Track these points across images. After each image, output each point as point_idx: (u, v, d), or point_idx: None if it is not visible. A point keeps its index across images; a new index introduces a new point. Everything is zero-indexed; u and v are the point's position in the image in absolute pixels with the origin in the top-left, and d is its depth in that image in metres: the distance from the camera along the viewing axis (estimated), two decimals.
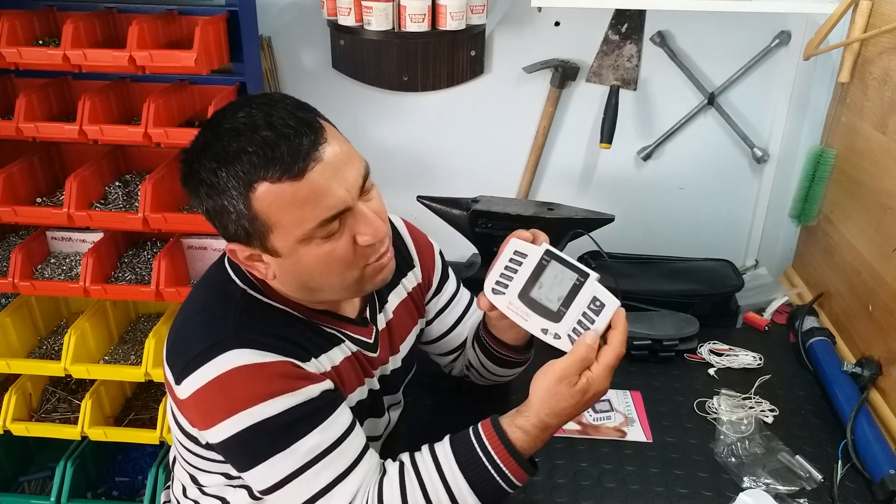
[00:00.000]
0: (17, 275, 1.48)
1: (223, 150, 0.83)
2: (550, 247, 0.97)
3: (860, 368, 1.32)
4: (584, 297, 0.92)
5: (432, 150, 1.82)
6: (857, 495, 1.13)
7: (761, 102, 1.71)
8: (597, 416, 1.29)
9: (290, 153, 0.81)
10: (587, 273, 0.93)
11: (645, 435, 1.25)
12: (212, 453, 0.95)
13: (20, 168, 1.49)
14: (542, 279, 0.96)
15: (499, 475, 0.89)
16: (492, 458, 0.89)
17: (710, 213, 1.85)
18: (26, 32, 1.44)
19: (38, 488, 1.86)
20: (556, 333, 0.94)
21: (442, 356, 1.27)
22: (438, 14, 1.51)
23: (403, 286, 1.14)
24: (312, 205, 0.83)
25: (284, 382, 0.86)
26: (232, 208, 0.84)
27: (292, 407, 0.86)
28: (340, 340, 0.99)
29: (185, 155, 0.88)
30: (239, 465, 0.90)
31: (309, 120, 0.85)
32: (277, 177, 0.81)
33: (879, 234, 1.36)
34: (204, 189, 0.85)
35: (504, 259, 0.99)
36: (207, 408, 0.87)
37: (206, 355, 0.87)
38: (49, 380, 1.77)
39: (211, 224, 0.90)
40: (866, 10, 1.43)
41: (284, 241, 0.85)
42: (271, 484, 0.87)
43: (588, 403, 0.91)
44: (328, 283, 0.91)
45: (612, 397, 1.34)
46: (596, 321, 0.92)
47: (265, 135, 0.81)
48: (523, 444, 0.90)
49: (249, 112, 0.84)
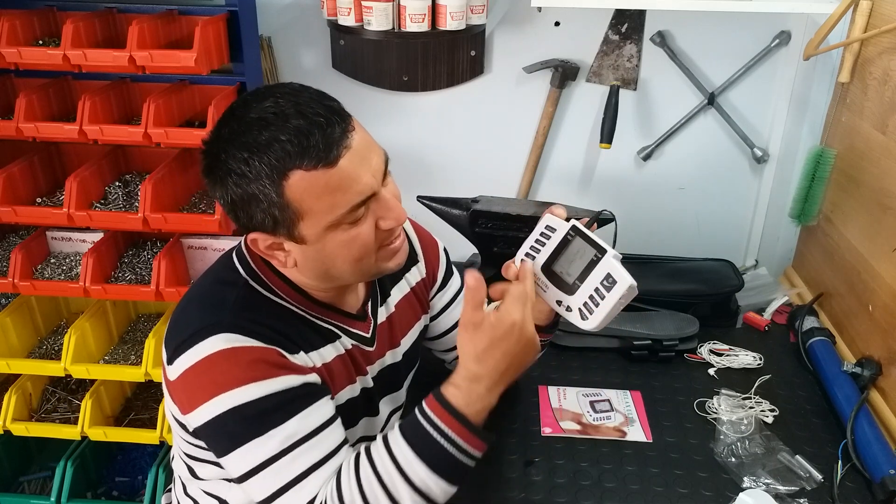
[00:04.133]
0: (17, 275, 1.48)
1: (254, 140, 0.83)
2: (578, 223, 1.00)
3: (860, 368, 1.32)
4: (598, 273, 0.95)
5: (432, 150, 1.82)
6: (857, 495, 1.13)
7: (761, 102, 1.71)
8: (597, 416, 1.29)
9: (324, 141, 0.83)
10: (605, 250, 0.96)
11: (645, 435, 1.25)
12: (200, 441, 0.95)
13: (20, 168, 1.49)
14: (564, 254, 0.99)
15: (438, 433, 0.85)
16: (427, 416, 0.86)
17: (710, 213, 1.85)
18: (26, 32, 1.44)
19: (38, 488, 1.86)
20: (568, 306, 0.97)
21: (448, 352, 1.27)
22: (438, 14, 1.51)
23: (407, 280, 1.15)
24: (343, 191, 0.86)
25: (266, 369, 0.88)
26: (262, 197, 0.85)
27: (271, 394, 0.87)
28: (337, 336, 1.00)
29: (208, 146, 0.88)
30: (218, 450, 0.90)
31: (337, 108, 0.87)
32: (312, 164, 0.83)
33: (879, 234, 1.36)
34: (233, 179, 0.86)
35: (536, 233, 1.03)
36: (193, 388, 0.89)
37: (198, 336, 0.89)
38: (49, 380, 1.77)
39: (231, 214, 0.90)
40: (866, 10, 1.43)
41: (314, 227, 0.87)
42: (247, 469, 0.88)
43: (517, 342, 0.87)
44: (347, 268, 0.93)
45: (612, 397, 1.34)
46: (606, 297, 0.93)
47: (298, 123, 0.83)
48: (457, 399, 0.86)
49: (276, 101, 0.85)
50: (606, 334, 1.45)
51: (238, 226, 0.91)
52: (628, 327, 1.44)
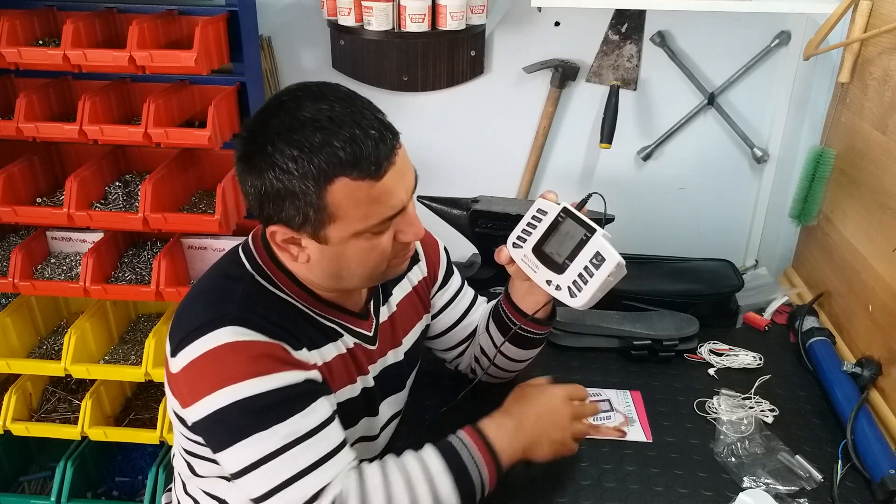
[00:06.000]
0: (17, 275, 1.48)
1: (307, 140, 0.84)
2: (569, 206, 1.02)
3: (860, 368, 1.32)
4: (588, 251, 0.97)
5: (432, 150, 1.82)
6: (857, 495, 1.13)
7: (761, 102, 1.71)
8: (597, 417, 1.29)
9: (376, 155, 0.85)
10: (594, 229, 0.98)
11: (645, 435, 1.25)
12: (196, 435, 0.95)
13: (20, 168, 1.49)
14: (555, 235, 1.01)
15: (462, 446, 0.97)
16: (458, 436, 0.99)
17: (710, 213, 1.85)
18: (26, 32, 1.44)
19: (38, 488, 1.86)
20: (557, 285, 0.99)
21: (449, 350, 1.28)
22: (438, 14, 1.51)
23: (409, 280, 1.16)
24: (380, 203, 0.88)
25: (271, 364, 0.88)
26: (301, 195, 0.86)
27: (274, 389, 0.88)
28: (339, 335, 1.01)
29: (251, 134, 0.88)
30: (216, 444, 0.90)
31: (388, 124, 0.90)
32: (361, 176, 0.85)
33: (879, 234, 1.36)
34: (275, 173, 0.86)
35: (528, 216, 1.06)
36: (196, 381, 0.89)
37: (204, 328, 0.89)
38: (49, 380, 1.77)
39: (255, 202, 0.90)
40: (866, 10, 1.43)
41: (341, 232, 0.89)
42: (246, 464, 0.88)
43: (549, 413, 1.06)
44: (358, 273, 0.95)
45: (612, 397, 1.34)
46: (595, 274, 0.96)
47: (353, 133, 0.85)
48: (487, 426, 1.01)
49: (331, 105, 0.86)
50: (606, 334, 1.45)
51: (258, 216, 0.92)
52: (628, 327, 1.44)
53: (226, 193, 1.43)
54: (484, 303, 1.30)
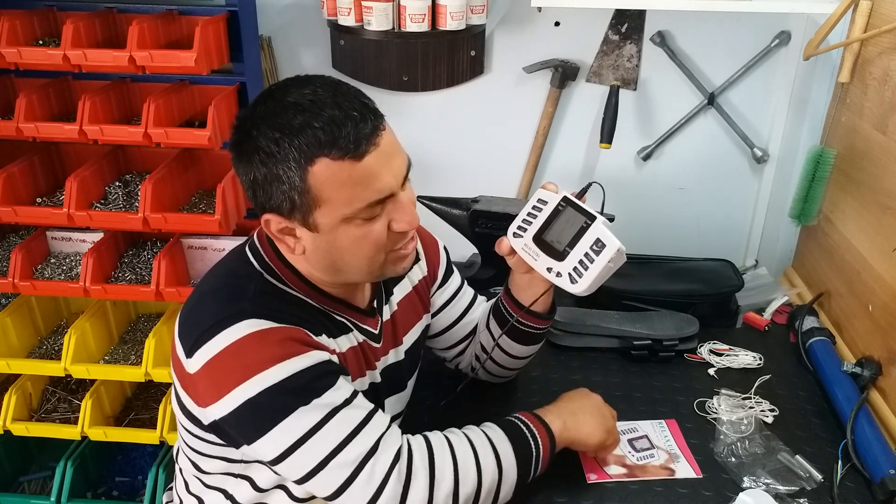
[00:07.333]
0: (17, 275, 1.48)
1: (287, 122, 0.85)
2: (569, 194, 1.03)
3: (860, 368, 1.32)
4: (588, 238, 0.98)
5: (432, 151, 1.82)
6: (857, 495, 1.13)
7: (761, 102, 1.71)
8: (640, 456, 1.19)
9: (355, 134, 0.86)
10: (594, 216, 0.98)
11: (693, 470, 1.16)
12: (212, 435, 0.95)
13: (20, 168, 1.49)
14: (556, 223, 1.02)
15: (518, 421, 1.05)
16: (516, 415, 1.07)
17: (710, 213, 1.85)
18: (26, 32, 1.44)
19: (38, 488, 1.86)
20: (558, 272, 1.00)
21: (449, 349, 1.28)
22: (438, 14, 1.51)
23: (409, 279, 1.16)
24: (363, 186, 0.88)
25: (296, 346, 0.89)
26: (286, 178, 0.87)
27: (305, 368, 0.89)
28: (349, 329, 1.02)
29: (240, 122, 0.90)
30: (250, 435, 0.90)
31: (372, 107, 0.90)
32: (339, 155, 0.85)
33: (879, 234, 1.36)
34: (260, 156, 0.87)
35: (528, 206, 1.06)
36: (220, 377, 0.88)
37: (221, 324, 0.89)
38: (49, 380, 1.77)
39: (249, 192, 0.92)
40: (866, 10, 1.43)
41: (329, 217, 0.89)
42: (289, 445, 0.88)
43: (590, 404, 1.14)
44: (355, 265, 0.95)
45: (648, 432, 1.24)
46: (595, 260, 0.96)
47: (333, 113, 0.85)
48: (538, 411, 1.09)
49: (315, 90, 0.87)
50: (606, 334, 1.45)
51: (254, 205, 0.93)
52: (628, 327, 1.44)
53: (226, 193, 1.43)
54: (483, 301, 1.30)
